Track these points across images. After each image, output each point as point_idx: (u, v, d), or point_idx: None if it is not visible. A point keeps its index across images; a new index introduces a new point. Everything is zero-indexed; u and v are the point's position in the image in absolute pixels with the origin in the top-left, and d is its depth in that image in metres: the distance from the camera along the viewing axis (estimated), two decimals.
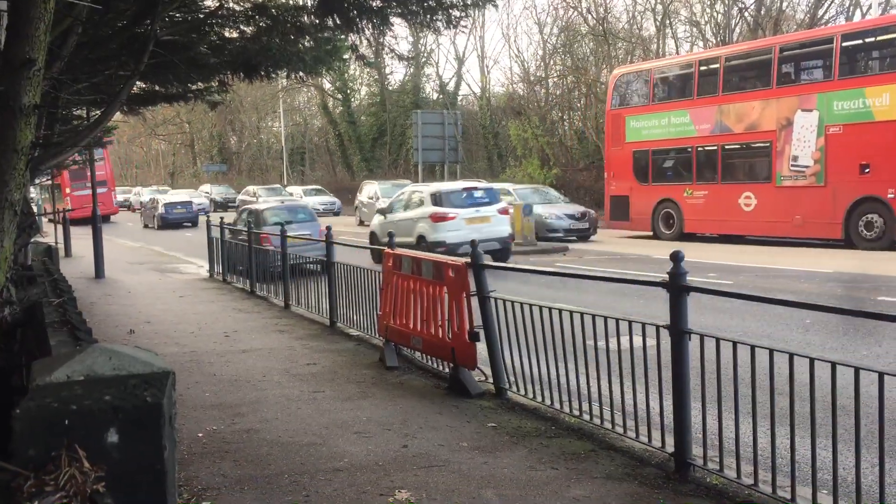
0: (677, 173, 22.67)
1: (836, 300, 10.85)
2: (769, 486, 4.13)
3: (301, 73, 9.24)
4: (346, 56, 8.94)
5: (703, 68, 21.94)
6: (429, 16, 6.82)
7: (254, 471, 4.84)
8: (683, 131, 21.90)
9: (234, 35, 8.05)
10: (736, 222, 20.75)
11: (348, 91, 54.47)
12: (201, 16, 7.54)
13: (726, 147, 20.96)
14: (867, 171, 17.82)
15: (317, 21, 7.28)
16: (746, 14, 35.81)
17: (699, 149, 21.58)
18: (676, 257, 4.56)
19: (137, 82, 8.64)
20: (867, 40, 19.04)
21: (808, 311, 7.08)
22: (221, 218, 16.95)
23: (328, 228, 10.60)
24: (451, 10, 6.79)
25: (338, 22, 7.19)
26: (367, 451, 5.14)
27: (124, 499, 2.40)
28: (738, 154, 21.03)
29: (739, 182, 20.71)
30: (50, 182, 27.59)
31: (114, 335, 9.40)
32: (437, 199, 17.32)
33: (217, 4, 7.40)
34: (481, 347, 6.53)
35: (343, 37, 8.04)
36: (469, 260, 6.57)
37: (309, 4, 7.12)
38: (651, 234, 22.97)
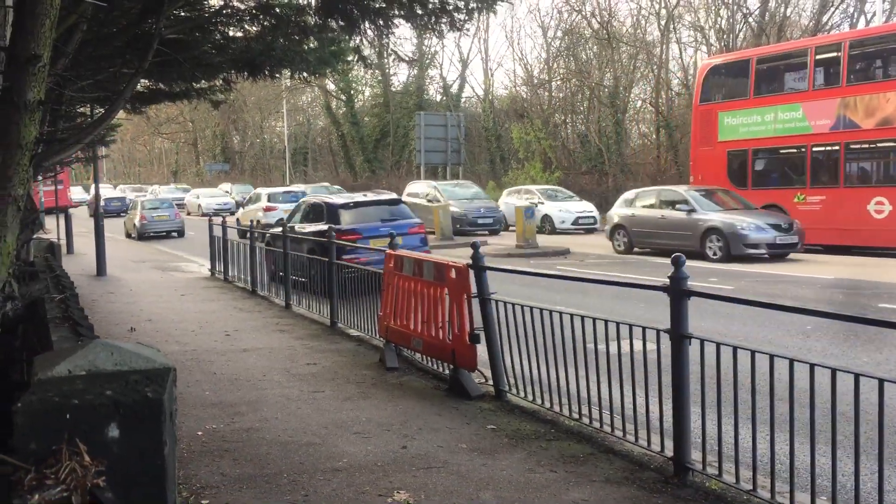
0: (785, 176, 19.85)
1: None
2: (768, 491, 4.13)
3: (305, 74, 9.26)
4: (349, 59, 8.94)
5: (819, 56, 19.13)
6: (433, 18, 6.81)
7: (253, 470, 4.85)
8: (795, 128, 19.13)
9: (239, 34, 8.07)
10: (863, 231, 17.68)
11: (352, 92, 54.52)
12: (206, 14, 7.56)
13: (851, 145, 18.21)
14: None
15: (320, 22, 7.30)
16: (751, 20, 35.83)
17: (815, 148, 18.78)
18: (678, 262, 4.57)
19: (141, 80, 8.67)
20: None
21: (809, 317, 7.07)
22: (213, 218, 17.07)
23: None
24: (455, 14, 6.78)
25: (341, 23, 7.20)
26: (366, 452, 5.15)
27: (124, 493, 2.41)
28: (867, 153, 18.57)
29: (868, 185, 18.07)
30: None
31: (115, 332, 9.41)
32: (268, 197, 28.76)
33: (222, 3, 7.42)
34: (481, 349, 6.53)
35: (347, 38, 8.06)
36: (471, 262, 6.59)
37: (312, 4, 7.13)
38: None
